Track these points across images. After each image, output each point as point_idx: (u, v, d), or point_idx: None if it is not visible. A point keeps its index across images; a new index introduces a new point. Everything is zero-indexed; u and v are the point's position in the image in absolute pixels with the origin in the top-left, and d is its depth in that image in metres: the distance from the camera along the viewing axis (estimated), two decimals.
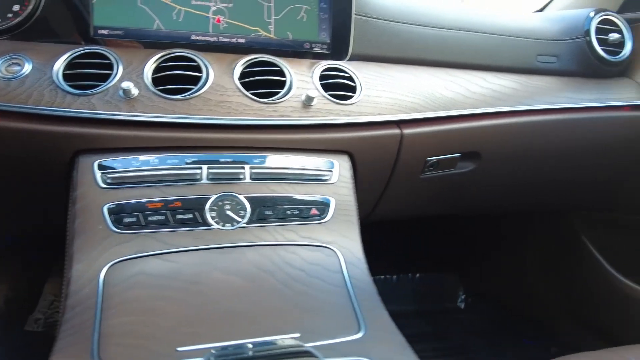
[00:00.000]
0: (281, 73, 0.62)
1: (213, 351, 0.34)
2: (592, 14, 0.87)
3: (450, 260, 1.40)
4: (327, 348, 0.35)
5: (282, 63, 0.63)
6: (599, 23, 0.85)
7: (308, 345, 0.32)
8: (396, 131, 0.65)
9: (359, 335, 0.36)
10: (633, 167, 0.88)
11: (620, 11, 0.92)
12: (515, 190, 0.87)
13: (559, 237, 1.08)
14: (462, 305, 1.43)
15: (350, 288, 0.42)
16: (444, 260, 1.41)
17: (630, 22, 0.88)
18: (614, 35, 0.85)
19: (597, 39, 0.84)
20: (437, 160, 0.71)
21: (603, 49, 0.84)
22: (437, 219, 1.22)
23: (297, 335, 0.37)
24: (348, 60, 0.70)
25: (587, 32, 0.84)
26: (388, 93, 0.67)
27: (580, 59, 0.85)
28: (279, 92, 0.60)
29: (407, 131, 0.66)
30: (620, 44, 0.86)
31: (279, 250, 0.46)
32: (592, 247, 0.99)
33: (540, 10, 1.03)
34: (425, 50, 0.75)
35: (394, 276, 1.40)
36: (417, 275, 1.41)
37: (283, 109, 0.58)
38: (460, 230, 1.34)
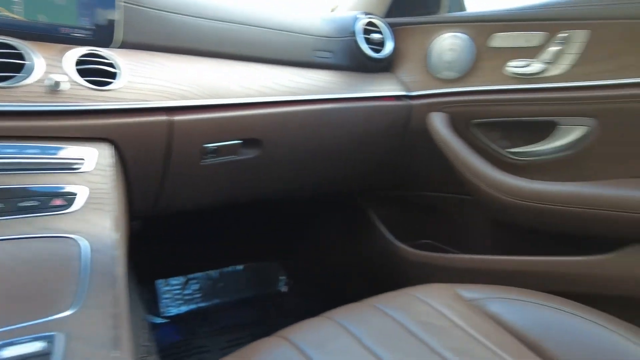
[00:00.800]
0: (20, 56, 0.57)
1: None
2: (359, 16, 0.99)
3: (270, 247, 1.47)
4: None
5: (24, 46, 0.58)
6: (365, 25, 0.98)
7: None
8: (163, 118, 0.65)
9: (63, 314, 0.35)
10: (402, 150, 1.03)
11: (386, 16, 1.08)
12: (302, 176, 0.95)
13: (353, 214, 1.21)
14: (285, 289, 1.51)
15: (86, 276, 0.41)
16: (264, 248, 1.47)
17: (392, 26, 1.03)
18: (376, 35, 0.98)
19: (363, 37, 0.97)
20: (217, 147, 0.74)
21: (369, 47, 0.97)
22: (250, 208, 1.26)
23: None
24: (119, 48, 0.68)
25: (354, 32, 0.96)
26: (157, 80, 0.66)
27: (351, 55, 0.97)
28: (15, 76, 0.55)
29: (178, 118, 0.66)
30: (382, 43, 1.00)
31: (5, 245, 0.42)
32: (376, 221, 1.14)
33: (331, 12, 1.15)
34: (200, 41, 0.77)
35: (216, 271, 1.41)
36: (240, 267, 1.44)
37: (22, 94, 0.54)
38: (275, 216, 1.41)
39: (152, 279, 1.34)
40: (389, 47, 1.00)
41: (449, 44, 0.94)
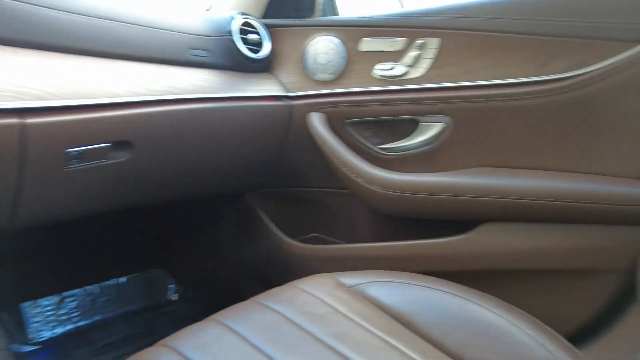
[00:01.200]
0: None
1: None
2: (235, 16, 0.99)
3: (156, 254, 1.40)
4: None
5: None
6: (241, 25, 0.99)
7: None
8: (13, 121, 0.58)
9: None
10: (285, 149, 1.06)
11: (264, 17, 1.09)
12: (180, 179, 0.92)
13: (242, 213, 1.21)
14: (175, 297, 1.45)
15: None
16: (149, 255, 1.39)
17: (269, 27, 1.05)
18: (253, 36, 0.99)
19: (239, 37, 0.97)
20: (83, 151, 0.68)
21: (246, 47, 0.98)
22: (130, 214, 1.19)
23: None
24: None
25: (231, 32, 0.96)
26: (6, 78, 0.59)
27: (229, 55, 0.96)
28: None
29: (32, 121, 0.60)
30: (260, 44, 1.02)
31: None
32: (265, 219, 1.15)
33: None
34: (60, 36, 0.70)
35: (96, 286, 1.30)
36: (123, 279, 1.35)
37: None
38: (159, 221, 1.35)
39: (16, 303, 1.19)
40: (266, 48, 1.02)
41: (322, 47, 0.99)
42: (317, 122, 0.98)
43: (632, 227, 0.75)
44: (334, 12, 1.21)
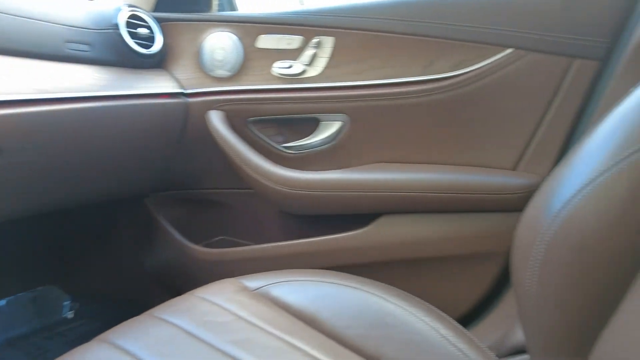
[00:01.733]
0: None
1: None
2: (122, 7, 0.92)
3: (45, 269, 1.26)
4: None
5: None
6: (129, 17, 0.92)
7: None
8: None
9: None
10: (184, 149, 1.01)
11: (155, 10, 1.03)
12: (70, 184, 0.84)
13: (142, 219, 1.14)
14: (70, 315, 1.32)
15: None
16: (37, 272, 1.25)
17: (161, 21, 0.99)
18: (143, 30, 0.93)
19: (127, 31, 0.90)
20: None
21: (135, 42, 0.91)
22: (13, 226, 1.06)
23: None
24: None
25: (117, 25, 0.89)
26: None
27: (115, 50, 0.89)
28: None
29: None
30: (151, 39, 0.95)
31: None
32: (166, 224, 1.09)
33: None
34: None
35: None
36: (2, 301, 1.20)
37: None
38: (46, 233, 1.22)
39: None
40: (158, 42, 0.96)
41: (219, 43, 0.96)
42: (216, 121, 0.95)
43: (508, 213, 0.83)
44: (233, 7, 1.18)
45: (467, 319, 0.89)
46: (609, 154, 0.40)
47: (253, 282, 0.73)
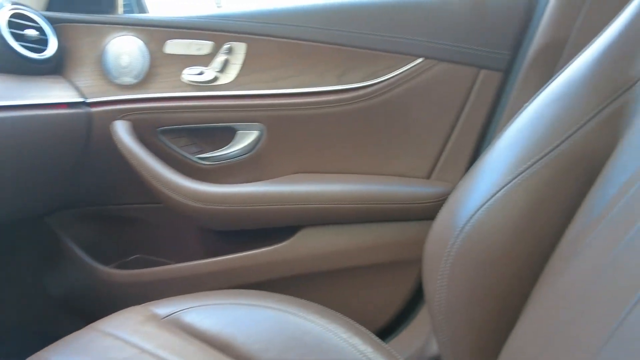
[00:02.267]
0: None
1: None
2: (4, 4, 0.82)
3: None
4: None
5: None
6: (11, 17, 0.82)
7: None
8: None
9: None
10: (88, 162, 0.92)
11: (48, 9, 0.93)
12: None
13: (45, 241, 1.03)
14: None
15: None
16: None
17: (55, 22, 0.89)
18: (31, 32, 0.83)
19: (10, 33, 0.80)
20: None
21: (21, 45, 0.81)
22: None
23: None
24: None
25: None
26: None
27: None
28: None
29: None
30: (43, 42, 0.86)
31: None
32: (72, 244, 0.99)
33: None
34: None
35: None
36: None
37: None
38: None
39: None
40: (52, 46, 0.87)
41: (124, 48, 0.88)
42: (122, 132, 0.87)
43: (424, 221, 0.84)
44: (142, 9, 1.10)
45: (388, 329, 0.89)
46: (507, 169, 0.41)
47: (163, 308, 0.68)
